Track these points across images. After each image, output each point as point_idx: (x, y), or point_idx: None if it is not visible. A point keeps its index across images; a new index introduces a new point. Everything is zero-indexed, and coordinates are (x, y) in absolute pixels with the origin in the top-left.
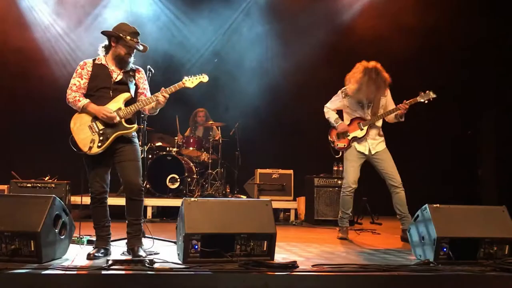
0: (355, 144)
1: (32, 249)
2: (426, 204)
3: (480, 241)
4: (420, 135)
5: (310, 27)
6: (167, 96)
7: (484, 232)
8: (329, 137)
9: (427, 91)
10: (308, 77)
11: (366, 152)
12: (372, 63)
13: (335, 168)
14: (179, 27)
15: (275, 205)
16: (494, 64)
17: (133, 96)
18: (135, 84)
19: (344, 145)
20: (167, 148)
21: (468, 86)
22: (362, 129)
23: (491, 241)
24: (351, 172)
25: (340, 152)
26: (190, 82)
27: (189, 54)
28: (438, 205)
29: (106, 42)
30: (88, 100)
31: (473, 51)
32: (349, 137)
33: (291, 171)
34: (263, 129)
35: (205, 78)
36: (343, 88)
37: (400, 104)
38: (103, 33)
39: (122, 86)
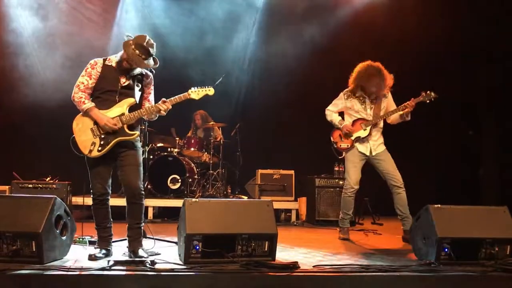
0: (357, 144)
1: (34, 249)
2: (428, 205)
3: (482, 242)
4: (421, 135)
5: (311, 27)
6: (170, 107)
7: (485, 233)
8: (331, 138)
9: (428, 92)
10: (309, 77)
11: (367, 153)
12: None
13: (336, 169)
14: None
15: (276, 205)
16: (494, 63)
17: (137, 102)
18: (141, 89)
19: (348, 146)
20: (168, 149)
21: (469, 85)
22: (365, 130)
23: (493, 241)
24: (353, 173)
25: (344, 153)
26: (195, 93)
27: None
28: (439, 205)
29: None
30: (93, 105)
31: (473, 51)
32: (353, 138)
33: (292, 172)
34: (264, 130)
35: (211, 91)
36: (345, 90)
37: (407, 102)
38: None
39: (129, 91)
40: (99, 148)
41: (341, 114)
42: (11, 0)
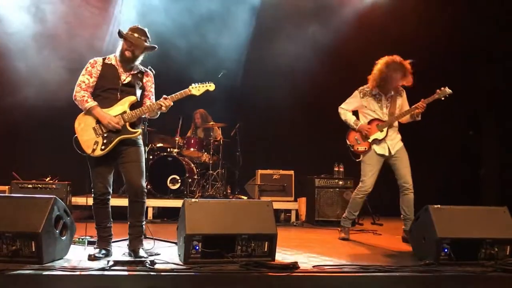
0: (374, 146)
1: (33, 249)
2: (428, 205)
3: (481, 242)
4: (420, 135)
5: (311, 27)
6: (171, 103)
7: (485, 233)
8: (347, 141)
9: (443, 88)
10: (309, 77)
11: (387, 154)
12: (393, 56)
13: (336, 169)
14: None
15: (276, 205)
16: (494, 63)
17: (138, 99)
18: (142, 87)
19: (365, 149)
20: (168, 149)
21: (469, 85)
22: (382, 131)
23: (492, 241)
24: (370, 176)
25: (361, 156)
26: (196, 89)
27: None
28: (439, 205)
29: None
30: (95, 103)
31: (473, 51)
32: (370, 140)
33: (292, 172)
34: (264, 130)
35: (211, 86)
36: (360, 88)
37: (418, 103)
38: (118, 33)
39: (130, 88)
40: (102, 147)
41: (355, 113)
42: (7, 1)
